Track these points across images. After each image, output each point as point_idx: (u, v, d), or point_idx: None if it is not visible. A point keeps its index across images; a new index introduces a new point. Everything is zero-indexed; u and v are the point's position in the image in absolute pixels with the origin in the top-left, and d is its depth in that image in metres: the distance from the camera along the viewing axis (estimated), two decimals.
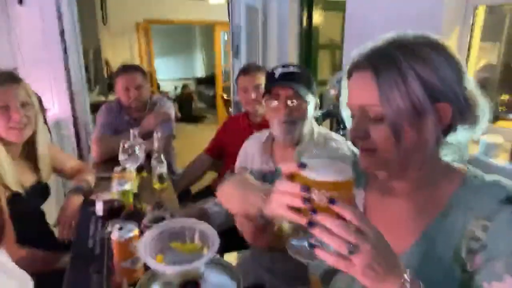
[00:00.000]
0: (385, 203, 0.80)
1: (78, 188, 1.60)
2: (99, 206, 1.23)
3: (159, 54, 9.06)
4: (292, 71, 1.32)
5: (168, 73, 9.66)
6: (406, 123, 0.66)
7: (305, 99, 1.31)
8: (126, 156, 1.65)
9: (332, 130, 2.46)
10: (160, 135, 1.72)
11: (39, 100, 1.68)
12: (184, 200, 2.08)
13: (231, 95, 4.04)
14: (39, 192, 1.53)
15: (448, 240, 0.69)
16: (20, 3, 2.52)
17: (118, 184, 1.39)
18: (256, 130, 2.13)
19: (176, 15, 7.40)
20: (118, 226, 1.02)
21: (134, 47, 7.30)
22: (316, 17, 3.20)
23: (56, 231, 1.54)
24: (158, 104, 2.32)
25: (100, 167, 2.03)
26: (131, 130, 1.79)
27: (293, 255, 0.63)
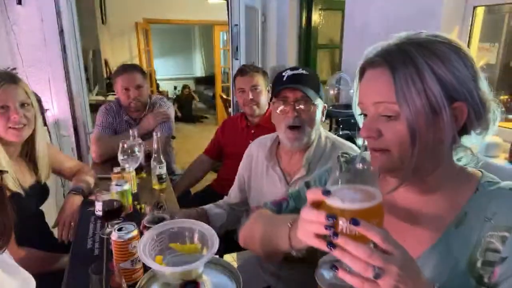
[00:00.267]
0: (396, 208, 0.77)
1: (77, 189, 1.60)
2: (99, 206, 1.23)
3: (158, 54, 9.06)
4: (300, 73, 1.28)
5: (168, 73, 9.66)
6: (422, 122, 0.63)
7: (314, 103, 1.28)
8: (125, 156, 1.65)
9: (331, 130, 2.46)
10: (159, 135, 1.72)
11: (38, 100, 1.67)
12: (184, 201, 2.08)
13: (230, 96, 4.04)
14: (38, 192, 1.53)
15: (462, 251, 0.67)
16: (19, 3, 2.52)
17: (117, 185, 1.39)
18: (254, 130, 2.14)
19: (175, 15, 7.39)
20: (118, 226, 1.02)
21: (134, 47, 7.29)
22: (315, 17, 3.20)
23: (55, 232, 1.54)
24: (158, 104, 2.32)
25: (99, 167, 2.03)
26: (131, 130, 1.79)
27: (321, 285, 0.63)
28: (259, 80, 2.09)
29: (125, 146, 1.65)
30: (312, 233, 0.58)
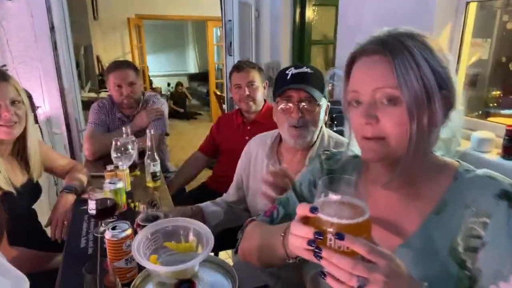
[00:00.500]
0: (377, 199, 0.79)
1: (70, 187, 1.58)
2: (92, 205, 1.22)
3: (151, 50, 8.99)
4: (305, 72, 1.26)
5: (161, 69, 9.60)
6: (419, 106, 0.66)
7: (318, 102, 1.25)
8: (118, 154, 1.64)
9: (325, 126, 2.46)
10: (153, 132, 1.70)
11: (29, 97, 1.65)
12: (178, 199, 2.07)
13: (224, 92, 4.02)
14: (30, 191, 1.51)
15: (443, 236, 0.70)
16: None
17: (110, 183, 1.37)
18: (250, 127, 2.14)
19: (168, 11, 7.34)
20: (111, 225, 1.02)
21: (126, 43, 7.22)
22: (309, 13, 3.19)
23: (48, 231, 1.52)
24: (151, 101, 2.30)
25: (92, 165, 2.01)
26: (124, 128, 1.77)
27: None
28: (255, 76, 2.08)
29: (118, 143, 1.64)
30: (301, 246, 0.61)
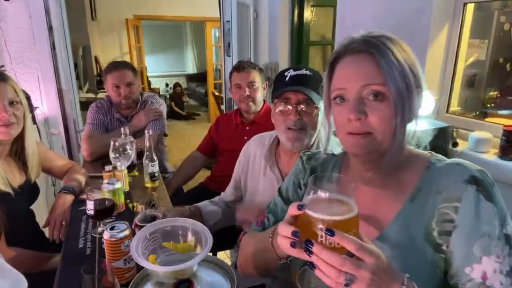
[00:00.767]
0: (357, 195, 0.81)
1: (68, 188, 1.58)
2: (90, 205, 1.22)
3: (149, 50, 8.99)
4: (304, 74, 1.26)
5: (159, 70, 9.60)
6: (403, 100, 0.71)
7: (316, 105, 1.25)
8: (117, 155, 1.64)
9: None
10: (151, 133, 1.70)
11: (27, 98, 1.65)
12: (177, 199, 2.07)
13: (223, 92, 4.02)
14: (28, 191, 1.51)
15: (418, 222, 0.74)
16: None
17: (109, 183, 1.37)
18: (248, 127, 2.14)
19: (167, 11, 7.33)
20: (110, 225, 1.02)
21: (124, 43, 7.21)
22: (307, 13, 3.20)
23: (46, 231, 1.52)
24: (149, 102, 2.30)
25: (90, 166, 2.01)
26: (122, 128, 1.77)
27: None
28: (256, 77, 2.08)
29: (116, 144, 1.64)
30: (289, 245, 0.63)
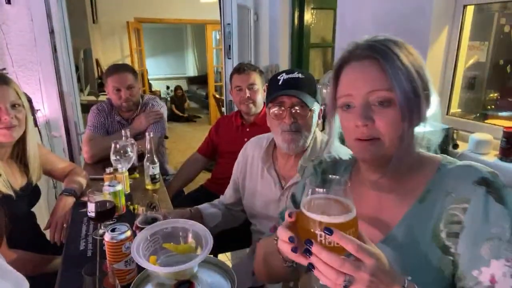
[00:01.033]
0: (365, 196, 0.82)
1: (69, 190, 1.58)
2: (91, 207, 1.22)
3: (150, 53, 9.02)
4: (296, 77, 1.27)
5: (160, 72, 9.62)
6: (410, 105, 0.70)
7: (310, 108, 1.26)
8: (118, 157, 1.64)
9: (323, 129, 2.47)
10: (152, 135, 1.71)
11: (29, 100, 1.66)
12: (177, 201, 2.08)
13: (223, 95, 4.03)
14: (30, 194, 1.51)
15: (426, 223, 0.72)
16: (8, 2, 2.48)
17: (110, 185, 1.38)
18: (249, 129, 2.14)
19: (167, 14, 7.36)
20: (111, 227, 1.02)
21: (125, 46, 7.24)
22: (308, 16, 3.21)
23: (47, 234, 1.52)
24: (150, 104, 2.30)
25: (91, 168, 2.01)
26: (123, 131, 1.78)
27: None
28: (256, 79, 2.09)
29: (117, 146, 1.64)
30: (288, 250, 0.63)
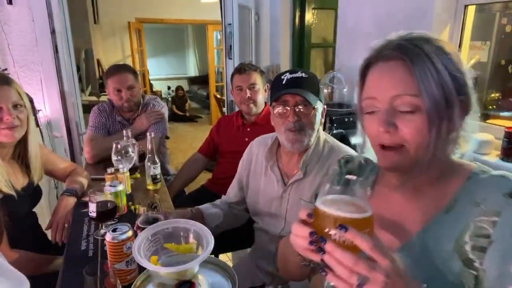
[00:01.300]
0: (390, 199, 0.79)
1: (71, 190, 1.58)
2: (92, 207, 1.22)
3: (151, 53, 9.02)
4: (300, 77, 1.28)
5: (161, 73, 9.63)
6: (439, 113, 0.65)
7: (314, 106, 1.28)
8: (119, 157, 1.64)
9: (325, 129, 2.47)
10: (153, 135, 1.71)
11: (31, 101, 1.66)
12: (178, 201, 2.08)
13: (225, 95, 4.03)
14: (31, 194, 1.51)
15: (449, 233, 0.68)
16: (10, 3, 2.49)
17: (111, 185, 1.38)
18: (250, 128, 2.14)
19: (168, 15, 7.37)
20: (112, 227, 1.02)
21: (126, 46, 7.24)
22: (309, 16, 3.21)
23: (49, 234, 1.52)
24: (151, 104, 2.31)
25: (92, 168, 2.01)
26: (124, 131, 1.78)
27: None
28: (257, 79, 2.09)
29: (118, 146, 1.65)
30: (302, 246, 0.61)
